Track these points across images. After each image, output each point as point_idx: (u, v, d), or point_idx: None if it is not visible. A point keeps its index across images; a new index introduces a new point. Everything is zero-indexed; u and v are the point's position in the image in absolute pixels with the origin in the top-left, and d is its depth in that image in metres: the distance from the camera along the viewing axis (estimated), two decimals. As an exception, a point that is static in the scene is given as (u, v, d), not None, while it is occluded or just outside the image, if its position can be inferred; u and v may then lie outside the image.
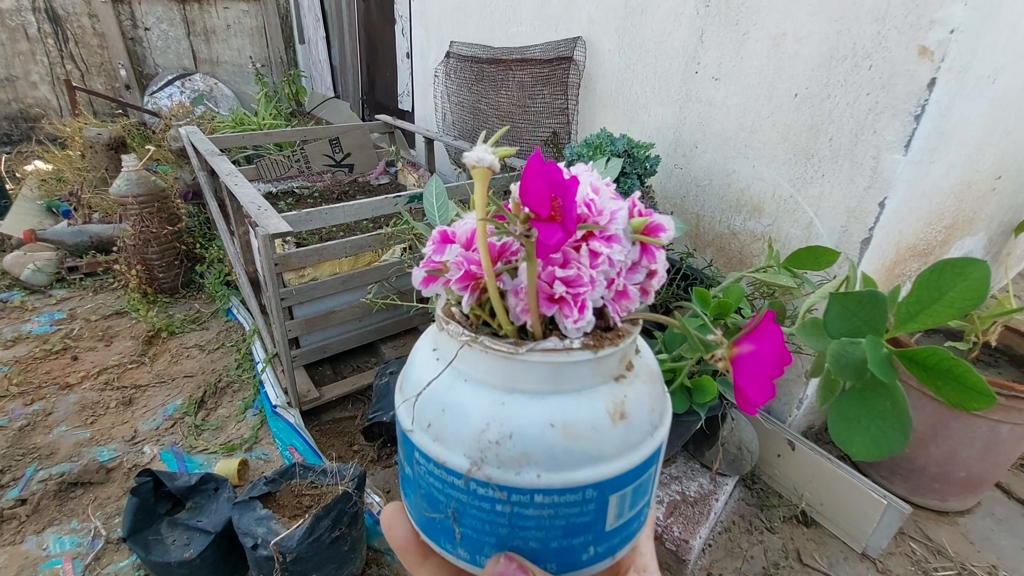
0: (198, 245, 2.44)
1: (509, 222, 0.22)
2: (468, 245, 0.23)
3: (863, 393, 0.49)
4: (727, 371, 0.25)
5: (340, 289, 1.65)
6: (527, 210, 0.21)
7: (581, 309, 0.22)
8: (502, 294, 0.23)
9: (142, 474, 1.18)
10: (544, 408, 0.22)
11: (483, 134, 0.31)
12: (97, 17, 4.18)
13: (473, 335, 0.22)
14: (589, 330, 0.23)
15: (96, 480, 1.43)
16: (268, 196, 2.25)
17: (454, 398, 0.22)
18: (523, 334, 0.23)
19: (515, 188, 0.23)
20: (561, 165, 0.22)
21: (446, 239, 0.24)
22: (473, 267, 0.23)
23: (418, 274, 0.25)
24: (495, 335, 0.23)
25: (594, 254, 0.22)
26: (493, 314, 0.23)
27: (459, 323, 0.23)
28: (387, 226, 1.51)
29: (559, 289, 0.22)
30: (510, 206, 0.25)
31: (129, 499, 1.14)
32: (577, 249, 0.22)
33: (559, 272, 0.22)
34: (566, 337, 0.23)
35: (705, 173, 1.50)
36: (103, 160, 3.05)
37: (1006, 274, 1.18)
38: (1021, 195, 1.51)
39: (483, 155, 0.21)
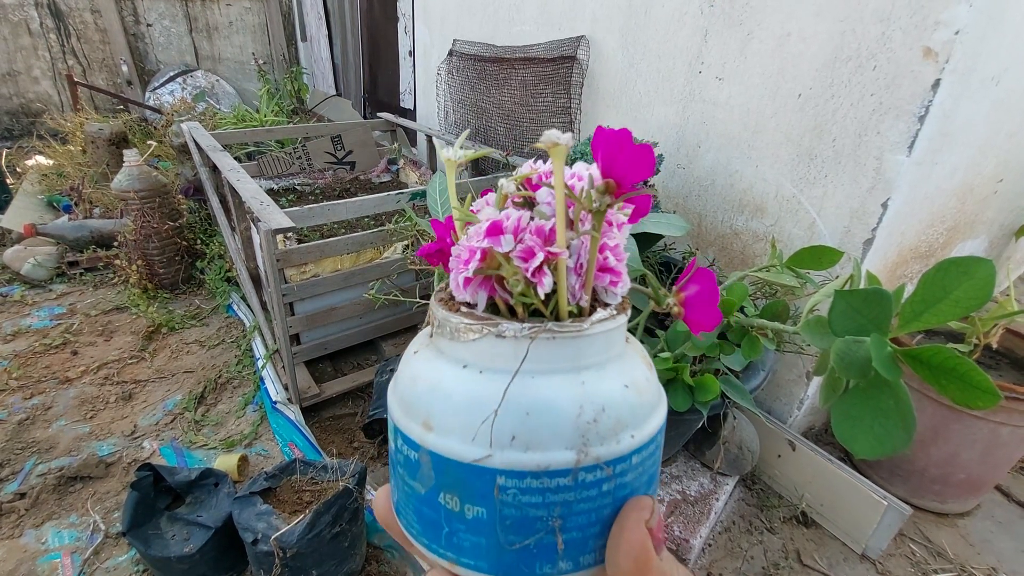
0: (199, 241, 2.44)
1: (586, 196, 0.23)
2: (517, 232, 0.23)
3: (867, 391, 0.49)
4: (681, 314, 0.27)
5: (341, 286, 1.65)
6: (610, 182, 0.22)
7: (624, 275, 0.24)
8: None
9: (142, 468, 1.18)
10: (612, 374, 0.23)
11: (466, 133, 0.31)
12: (99, 13, 4.18)
13: (540, 325, 0.22)
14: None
15: (95, 474, 1.43)
16: (269, 192, 2.25)
17: (535, 397, 0.21)
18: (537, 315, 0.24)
19: (521, 168, 0.25)
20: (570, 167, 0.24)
21: (498, 229, 0.23)
22: (550, 248, 0.22)
23: (459, 278, 0.23)
24: (539, 320, 0.23)
25: (619, 224, 0.24)
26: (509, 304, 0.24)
27: (519, 319, 0.22)
28: (389, 223, 1.51)
29: (611, 259, 0.23)
30: (490, 202, 0.26)
31: (129, 493, 1.13)
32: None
33: (610, 242, 0.23)
34: (607, 305, 0.24)
35: (708, 173, 1.50)
36: (104, 155, 3.05)
37: (1008, 277, 1.18)
38: (1023, 198, 1.51)
39: (560, 134, 0.22)
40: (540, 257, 0.22)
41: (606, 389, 0.22)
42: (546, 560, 0.22)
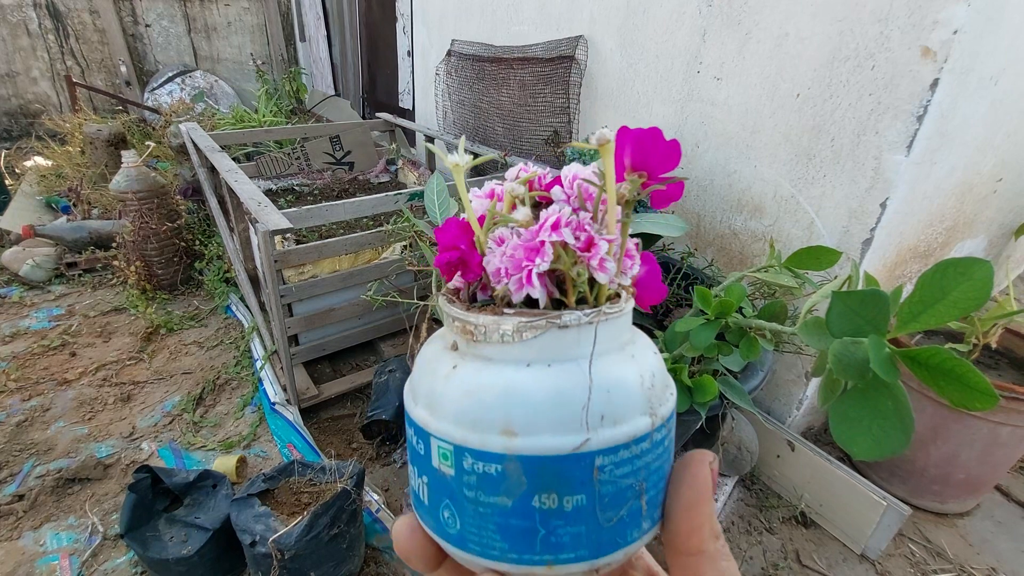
0: (197, 242, 2.43)
1: (629, 187, 0.25)
2: (570, 225, 0.24)
3: (865, 393, 0.49)
4: (633, 293, 0.28)
5: (340, 287, 1.64)
6: (642, 173, 0.24)
7: (637, 256, 0.26)
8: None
9: (140, 470, 1.18)
10: (643, 344, 0.25)
11: (463, 139, 0.31)
12: (98, 13, 4.18)
13: (595, 311, 0.23)
14: None
15: (94, 476, 1.42)
16: (268, 193, 2.24)
17: (608, 376, 0.23)
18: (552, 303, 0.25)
19: (571, 170, 0.26)
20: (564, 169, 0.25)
21: (559, 224, 0.24)
22: (607, 236, 0.24)
23: (527, 275, 0.23)
24: (572, 308, 0.24)
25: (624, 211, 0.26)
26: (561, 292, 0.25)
27: (575, 308, 0.24)
28: (387, 224, 1.51)
29: (629, 243, 0.25)
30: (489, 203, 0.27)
31: (127, 495, 1.13)
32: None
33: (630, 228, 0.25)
34: (621, 285, 0.26)
35: (706, 173, 1.50)
36: (103, 156, 3.05)
37: (1007, 276, 1.18)
38: (1022, 198, 1.51)
39: (610, 132, 0.23)
40: (604, 247, 0.23)
41: (647, 358, 0.25)
42: (634, 526, 0.23)
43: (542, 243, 0.23)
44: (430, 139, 2.44)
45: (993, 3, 1.00)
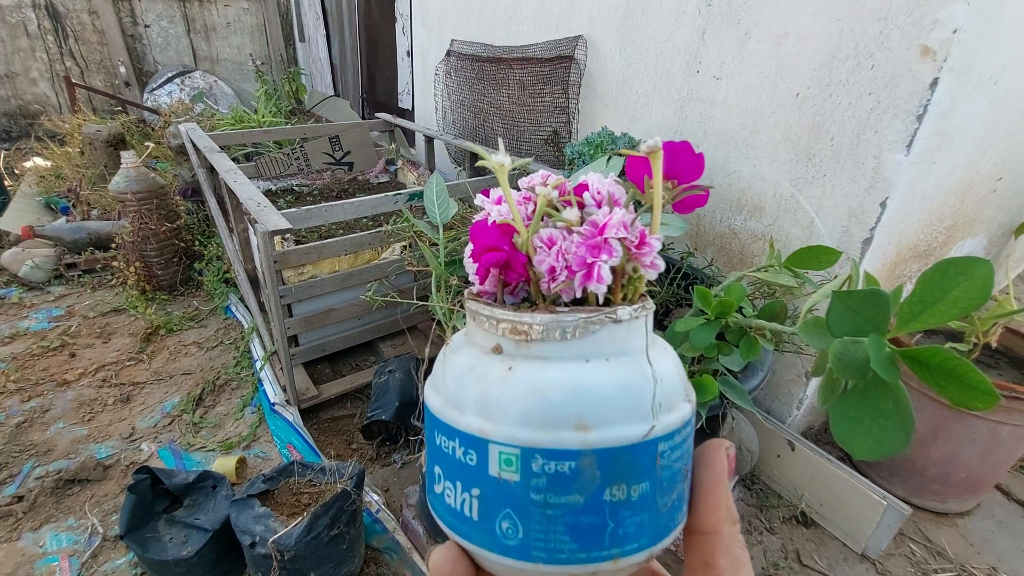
0: (197, 242, 2.43)
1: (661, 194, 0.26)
2: (622, 228, 0.25)
3: (865, 392, 0.49)
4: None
5: (339, 287, 1.64)
6: (674, 181, 0.27)
7: None
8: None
9: (140, 471, 1.18)
10: (660, 337, 0.27)
11: (501, 140, 0.32)
12: (97, 14, 4.17)
13: (640, 305, 0.25)
14: None
15: (93, 477, 1.42)
16: (267, 194, 2.24)
17: (659, 367, 0.24)
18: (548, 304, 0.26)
19: (580, 181, 0.28)
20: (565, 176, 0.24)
21: (619, 223, 0.25)
22: (656, 236, 0.26)
23: (600, 269, 0.24)
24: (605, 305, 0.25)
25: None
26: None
27: (625, 305, 0.25)
28: (387, 224, 1.51)
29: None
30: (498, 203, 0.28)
31: (127, 496, 1.13)
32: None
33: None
34: None
35: (706, 173, 1.50)
36: (102, 157, 3.05)
37: (1007, 275, 1.18)
38: (1022, 197, 1.51)
39: (659, 141, 0.24)
40: (657, 245, 0.24)
41: (672, 350, 0.26)
42: (679, 508, 0.24)
43: (606, 240, 0.24)
44: (429, 139, 2.44)
45: (992, 2, 1.00)
